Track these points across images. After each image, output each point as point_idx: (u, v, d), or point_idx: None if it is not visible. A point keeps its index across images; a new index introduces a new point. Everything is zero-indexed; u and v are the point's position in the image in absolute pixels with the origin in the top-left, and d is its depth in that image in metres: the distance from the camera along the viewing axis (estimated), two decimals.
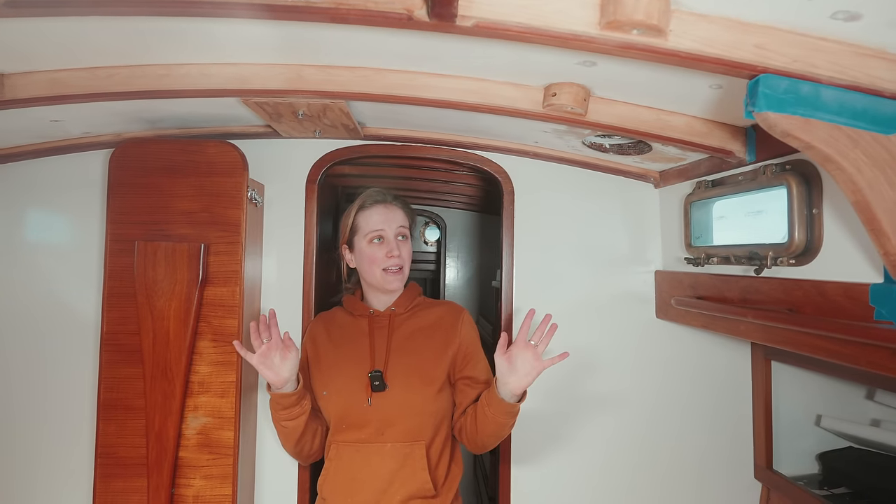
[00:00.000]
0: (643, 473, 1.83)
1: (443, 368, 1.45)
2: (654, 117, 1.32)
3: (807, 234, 1.15)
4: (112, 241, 1.51)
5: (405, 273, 1.52)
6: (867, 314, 0.98)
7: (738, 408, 1.85)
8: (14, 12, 0.87)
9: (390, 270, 1.48)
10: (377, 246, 1.49)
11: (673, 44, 0.86)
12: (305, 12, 0.86)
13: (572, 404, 1.83)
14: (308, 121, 1.54)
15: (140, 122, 1.61)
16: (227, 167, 1.53)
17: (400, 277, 1.50)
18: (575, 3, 0.85)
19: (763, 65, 0.87)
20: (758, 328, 1.26)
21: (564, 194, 1.86)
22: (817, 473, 1.73)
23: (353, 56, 1.20)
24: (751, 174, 1.32)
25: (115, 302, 1.50)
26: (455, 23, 0.86)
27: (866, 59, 0.87)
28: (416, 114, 1.52)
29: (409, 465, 1.39)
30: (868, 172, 0.88)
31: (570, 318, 1.82)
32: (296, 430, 1.42)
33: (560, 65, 1.13)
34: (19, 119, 1.43)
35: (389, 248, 1.48)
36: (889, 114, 0.87)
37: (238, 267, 1.53)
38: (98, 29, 1.04)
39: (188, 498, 1.49)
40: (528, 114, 1.32)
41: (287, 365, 1.34)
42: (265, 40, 1.13)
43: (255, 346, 1.33)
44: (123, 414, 1.49)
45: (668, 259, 1.78)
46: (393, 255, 1.47)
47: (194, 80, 1.25)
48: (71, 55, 1.18)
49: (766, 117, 0.88)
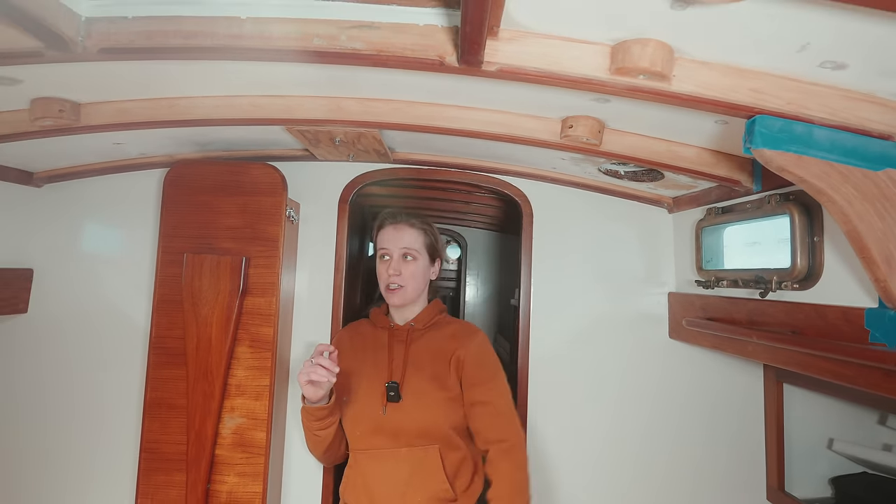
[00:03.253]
0: (656, 493, 1.87)
1: (453, 380, 1.49)
2: (665, 148, 1.41)
3: (808, 260, 1.22)
4: (163, 252, 1.66)
5: (409, 291, 1.55)
6: (863, 337, 1.05)
7: (751, 430, 1.89)
8: (105, 56, 1.02)
9: (389, 288, 1.55)
10: (382, 263, 1.58)
11: (676, 87, 0.97)
12: (352, 58, 1.00)
13: (587, 421, 1.89)
14: (343, 146, 1.68)
15: (190, 145, 1.77)
16: (269, 188, 1.67)
17: (399, 295, 1.54)
18: (588, 50, 0.97)
19: (759, 106, 0.96)
20: (764, 349, 1.33)
21: (581, 218, 1.95)
22: (830, 497, 1.75)
23: (388, 90, 1.33)
24: (757, 203, 1.40)
25: (164, 308, 1.64)
26: (481, 68, 0.98)
27: (855, 102, 0.95)
28: (443, 141, 1.64)
29: (425, 468, 1.45)
30: (858, 205, 0.95)
31: (586, 338, 1.91)
32: (326, 439, 1.51)
33: (576, 101, 1.23)
34: (89, 142, 1.60)
35: (391, 266, 1.55)
36: (877, 152, 0.95)
37: (275, 279, 1.65)
38: (167, 68, 1.19)
39: (222, 494, 1.60)
40: (546, 143, 1.42)
41: (328, 384, 1.40)
42: (311, 77, 1.27)
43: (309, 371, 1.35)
44: (167, 412, 1.62)
45: (681, 282, 1.85)
46: (392, 273, 1.54)
47: (245, 110, 1.40)
48: (139, 88, 1.33)
49: (763, 153, 0.97)
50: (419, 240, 1.59)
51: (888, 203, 0.95)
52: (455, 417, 1.49)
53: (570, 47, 0.96)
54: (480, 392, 1.48)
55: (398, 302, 1.56)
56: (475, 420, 1.48)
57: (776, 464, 1.76)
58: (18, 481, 1.83)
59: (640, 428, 1.88)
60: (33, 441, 1.84)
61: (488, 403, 1.48)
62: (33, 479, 1.84)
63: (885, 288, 0.96)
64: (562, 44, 0.96)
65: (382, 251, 1.58)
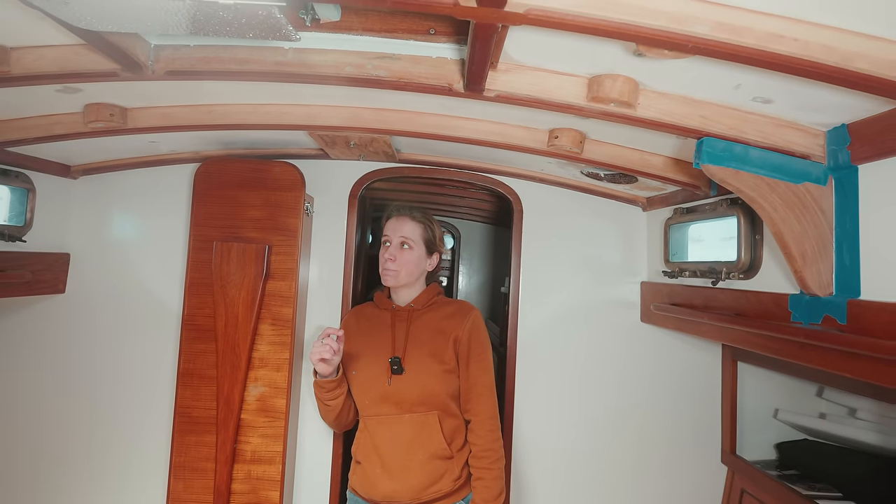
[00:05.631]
0: (625, 455, 2.14)
1: (450, 354, 1.70)
2: (638, 157, 1.64)
3: (751, 255, 1.46)
4: (195, 240, 1.86)
5: (402, 275, 1.72)
6: (788, 317, 1.30)
7: (710, 402, 2.15)
8: (170, 77, 1.22)
9: (385, 269, 1.75)
10: (383, 248, 1.78)
11: (640, 113, 1.19)
12: (376, 83, 1.21)
13: (568, 395, 2.14)
14: (356, 148, 1.89)
15: (217, 144, 1.97)
16: (289, 184, 1.88)
17: (392, 276, 1.72)
18: (570, 81, 1.19)
19: (706, 130, 1.20)
20: (714, 328, 1.58)
21: (566, 214, 2.18)
22: (774, 460, 2.02)
23: (401, 103, 1.53)
24: (713, 205, 1.64)
25: (195, 290, 1.85)
26: (483, 94, 1.19)
27: (782, 128, 1.19)
28: (446, 145, 1.85)
29: (426, 431, 1.66)
30: (782, 211, 1.19)
31: (568, 322, 2.16)
32: (336, 407, 1.71)
33: (561, 117, 1.46)
34: (128, 141, 1.79)
35: (388, 251, 1.75)
36: (798, 169, 1.19)
37: (294, 265, 1.87)
38: (211, 83, 1.39)
39: (247, 453, 1.82)
40: (535, 151, 1.64)
41: (336, 360, 1.61)
42: (333, 90, 1.47)
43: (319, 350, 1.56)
44: (198, 381, 1.83)
45: (652, 272, 2.10)
46: (388, 258, 1.74)
47: (274, 117, 1.60)
48: (181, 96, 1.52)
49: (708, 168, 1.20)
50: (417, 231, 1.76)
51: (805, 210, 1.19)
52: (451, 387, 1.69)
53: (555, 78, 1.19)
54: (469, 368, 1.68)
55: (391, 283, 1.74)
56: (462, 392, 1.70)
57: (730, 431, 2.02)
58: (62, 443, 2.05)
59: (614, 401, 2.14)
60: (76, 406, 2.05)
61: (472, 380, 1.68)
62: (78, 442, 2.05)
63: (801, 278, 1.20)
64: (548, 75, 1.18)
65: (385, 238, 1.78)
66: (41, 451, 2.05)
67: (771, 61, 0.86)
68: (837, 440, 1.85)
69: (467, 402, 1.70)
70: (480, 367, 1.70)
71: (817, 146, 1.20)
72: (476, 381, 1.69)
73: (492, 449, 1.66)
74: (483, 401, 1.69)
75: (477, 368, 1.70)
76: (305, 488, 2.05)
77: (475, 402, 1.69)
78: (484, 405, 1.69)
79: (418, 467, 1.65)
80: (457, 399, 1.72)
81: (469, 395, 1.69)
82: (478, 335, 1.73)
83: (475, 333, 1.72)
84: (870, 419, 1.69)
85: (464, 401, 1.71)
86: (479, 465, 1.66)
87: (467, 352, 1.70)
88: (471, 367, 1.70)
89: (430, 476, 1.65)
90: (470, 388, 1.69)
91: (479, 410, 1.68)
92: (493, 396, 1.71)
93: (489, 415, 1.69)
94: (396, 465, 1.66)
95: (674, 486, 2.14)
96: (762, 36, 0.82)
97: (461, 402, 1.72)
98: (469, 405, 1.69)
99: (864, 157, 1.11)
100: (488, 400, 1.70)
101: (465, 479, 1.70)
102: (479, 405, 1.68)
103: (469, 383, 1.69)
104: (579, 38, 0.98)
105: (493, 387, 1.72)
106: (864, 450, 1.73)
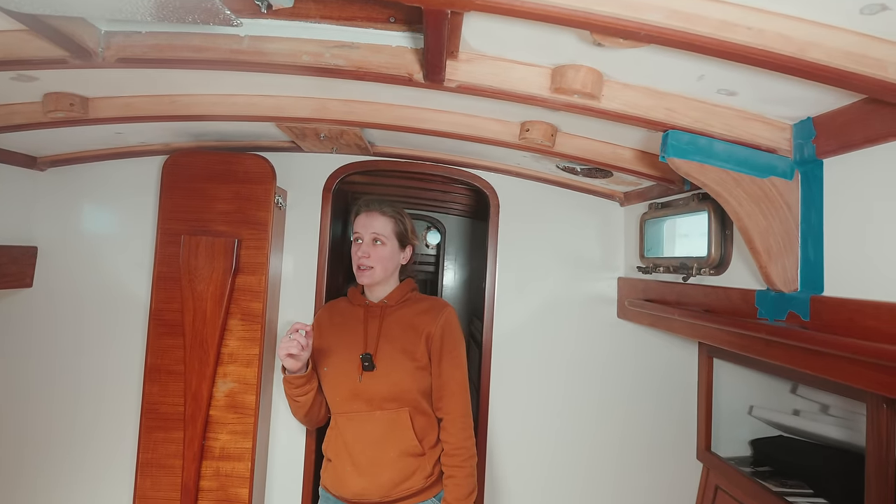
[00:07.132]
0: (602, 450, 2.13)
1: (422, 351, 1.68)
2: (609, 150, 1.62)
3: (721, 251, 1.44)
4: (162, 234, 1.82)
5: (376, 272, 1.70)
6: (754, 313, 1.28)
7: (686, 399, 2.14)
8: (121, 65, 1.18)
9: (359, 268, 1.72)
10: (355, 246, 1.75)
11: (605, 105, 1.17)
12: (334, 73, 1.18)
13: (544, 391, 2.12)
14: (328, 140, 1.85)
15: (186, 136, 1.93)
16: (259, 176, 1.85)
17: (367, 275, 1.69)
18: (532, 72, 1.16)
19: (672, 123, 1.17)
20: (685, 325, 1.56)
21: (543, 209, 2.16)
22: (748, 456, 2.01)
23: (368, 94, 1.50)
24: (685, 200, 1.62)
25: (163, 284, 1.82)
26: (443, 84, 1.17)
27: (748, 121, 1.17)
28: (418, 138, 1.82)
29: (397, 428, 1.65)
30: (747, 206, 1.17)
31: (545, 317, 2.14)
32: (306, 404, 1.69)
33: (530, 110, 1.43)
34: (92, 131, 1.75)
35: (361, 249, 1.73)
36: (764, 163, 1.17)
37: (265, 260, 1.84)
38: (173, 73, 1.35)
39: (216, 449, 1.80)
40: (507, 144, 1.62)
41: (305, 356, 1.59)
42: (300, 81, 1.44)
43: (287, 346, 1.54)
44: (166, 377, 1.80)
45: (629, 268, 2.08)
46: (361, 255, 1.71)
47: (241, 108, 1.56)
48: (143, 85, 1.49)
49: (673, 161, 1.18)
50: (388, 226, 1.73)
51: (771, 205, 1.17)
52: (423, 385, 1.68)
53: (518, 69, 1.16)
54: (441, 365, 1.66)
55: (367, 281, 1.72)
56: (434, 389, 1.68)
57: (705, 428, 2.01)
58: (25, 440, 2.01)
59: (590, 397, 2.13)
60: (41, 403, 2.01)
61: (445, 377, 1.66)
62: (41, 438, 2.01)
63: (766, 273, 1.18)
64: (511, 66, 1.16)
65: (356, 235, 1.75)
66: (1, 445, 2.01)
67: (726, 51, 0.83)
68: (811, 437, 1.85)
69: (440, 399, 1.68)
70: (453, 365, 1.68)
71: (784, 140, 1.18)
72: (448, 378, 1.67)
73: (464, 447, 1.65)
74: (455, 398, 1.67)
75: (449, 366, 1.68)
76: (278, 485, 2.03)
77: (447, 399, 1.67)
78: (456, 403, 1.67)
79: (389, 464, 1.64)
80: (428, 396, 1.71)
81: (441, 393, 1.68)
82: (451, 332, 1.71)
83: (448, 330, 1.70)
84: (840, 416, 1.69)
85: (436, 398, 1.69)
86: (450, 462, 1.64)
87: (440, 349, 1.68)
88: (443, 364, 1.68)
89: (401, 473, 1.64)
90: (442, 386, 1.67)
91: (451, 409, 1.67)
92: (465, 394, 1.69)
93: (461, 413, 1.67)
94: (366, 462, 1.64)
95: (652, 483, 2.13)
96: (715, 24, 0.80)
97: (433, 399, 1.70)
98: (441, 403, 1.68)
99: (829, 150, 1.09)
100: (461, 398, 1.68)
101: (438, 476, 1.69)
102: (452, 403, 1.67)
103: (441, 381, 1.68)
104: (537, 26, 0.96)
105: (465, 384, 1.70)
106: (834, 446, 1.73)
